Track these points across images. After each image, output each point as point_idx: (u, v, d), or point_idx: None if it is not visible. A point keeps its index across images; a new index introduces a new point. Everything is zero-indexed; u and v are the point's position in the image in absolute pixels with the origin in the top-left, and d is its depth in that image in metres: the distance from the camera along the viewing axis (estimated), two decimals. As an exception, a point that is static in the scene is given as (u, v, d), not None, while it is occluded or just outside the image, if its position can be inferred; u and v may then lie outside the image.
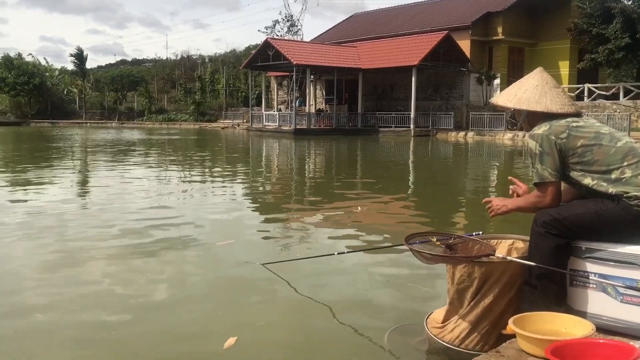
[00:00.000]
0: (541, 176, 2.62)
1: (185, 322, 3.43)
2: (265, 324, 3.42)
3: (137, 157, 16.29)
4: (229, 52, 71.01)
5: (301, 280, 4.17)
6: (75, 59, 55.85)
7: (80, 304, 3.74)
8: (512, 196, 2.98)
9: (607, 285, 2.48)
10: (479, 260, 2.75)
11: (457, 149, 22.63)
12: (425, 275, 4.32)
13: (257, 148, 22.61)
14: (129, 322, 3.43)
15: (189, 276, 4.34)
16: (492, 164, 16.60)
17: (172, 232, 5.80)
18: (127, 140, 25.83)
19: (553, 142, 2.59)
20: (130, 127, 44.06)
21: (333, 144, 23.97)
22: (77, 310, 3.64)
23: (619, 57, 28.28)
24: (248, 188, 10.01)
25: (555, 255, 2.56)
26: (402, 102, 33.38)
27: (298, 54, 31.52)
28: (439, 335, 2.90)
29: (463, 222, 7.10)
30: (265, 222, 6.79)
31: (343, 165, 15.88)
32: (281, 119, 33.82)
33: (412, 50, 31.03)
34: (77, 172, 12.51)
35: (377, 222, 6.81)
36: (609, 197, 2.51)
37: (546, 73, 2.86)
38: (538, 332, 2.33)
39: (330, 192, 9.55)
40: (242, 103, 51.34)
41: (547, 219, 2.58)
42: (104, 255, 4.91)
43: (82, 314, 3.57)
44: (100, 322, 3.40)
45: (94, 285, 4.08)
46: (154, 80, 63.77)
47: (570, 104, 2.74)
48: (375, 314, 3.55)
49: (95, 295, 3.87)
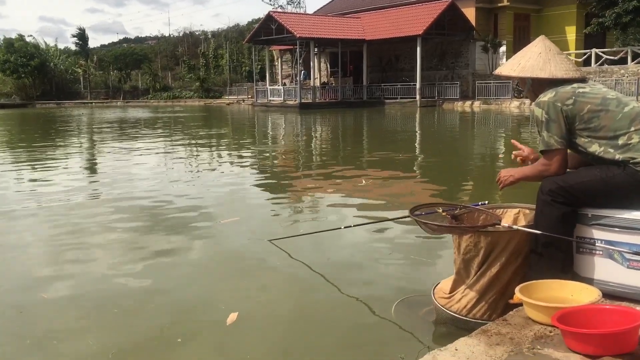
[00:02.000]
0: (547, 144, 2.59)
1: (187, 298, 3.46)
2: (270, 299, 3.44)
3: (144, 135, 16.30)
4: (232, 27, 70.57)
5: (307, 254, 4.18)
6: (77, 39, 55.61)
7: (84, 280, 3.79)
8: (515, 161, 2.98)
9: (613, 252, 2.48)
10: (485, 230, 2.75)
11: (464, 118, 22.49)
12: (432, 246, 4.33)
13: (262, 123, 22.56)
14: (131, 299, 3.46)
15: (192, 253, 4.36)
16: (499, 132, 16.49)
17: (175, 210, 5.81)
18: (133, 118, 25.83)
19: (559, 108, 2.56)
20: (135, 106, 44.03)
21: (339, 117, 23.87)
22: (81, 285, 3.69)
23: (626, 20, 27.77)
24: (253, 164, 10.01)
25: (561, 223, 2.55)
26: (408, 73, 33.09)
27: (301, 27, 31.22)
28: (447, 306, 2.91)
29: (469, 192, 7.09)
30: (271, 198, 6.80)
31: (349, 139, 15.84)
32: (286, 93, 33.68)
33: (416, 20, 30.66)
34: (85, 151, 12.55)
35: (383, 194, 6.81)
36: (616, 163, 2.49)
37: (548, 40, 2.81)
38: (545, 299, 2.33)
39: (336, 165, 9.54)
40: (247, 78, 51.02)
41: (553, 187, 2.56)
42: (106, 233, 4.95)
43: (85, 289, 3.62)
44: (103, 299, 3.44)
45: (95, 264, 4.12)
46: (157, 58, 63.40)
47: (574, 70, 2.71)
48: (382, 287, 3.57)
49: (97, 274, 3.90)
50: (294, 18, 33.79)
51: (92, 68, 55.67)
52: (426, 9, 30.99)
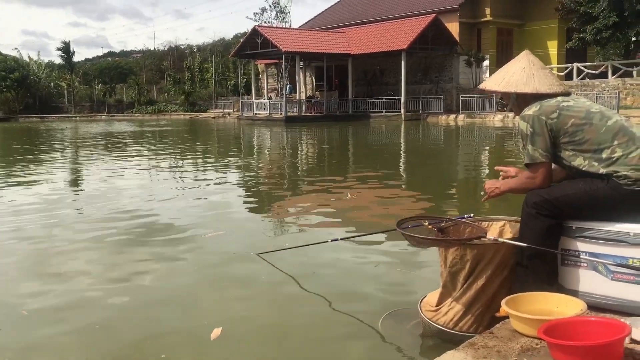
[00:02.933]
0: (532, 157, 2.62)
1: (171, 313, 3.43)
2: (255, 313, 3.42)
3: (127, 149, 16.20)
4: (217, 41, 70.46)
5: (294, 268, 4.16)
6: (62, 52, 55.34)
7: (65, 297, 3.73)
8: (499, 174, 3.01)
9: (597, 264, 2.50)
10: (471, 243, 2.76)
11: (448, 132, 22.65)
12: (418, 259, 4.34)
13: (248, 137, 22.54)
14: (114, 314, 3.42)
15: (176, 268, 4.31)
16: (484, 145, 16.63)
17: (158, 225, 5.74)
18: (118, 132, 25.67)
19: (544, 122, 2.59)
20: (120, 120, 43.81)
21: (324, 131, 23.93)
22: (62, 304, 3.63)
23: (606, 35, 28.28)
24: (239, 178, 9.98)
25: (546, 236, 2.57)
26: (392, 87, 33.32)
27: (287, 41, 31.36)
28: (433, 319, 2.91)
29: (455, 205, 7.12)
30: (257, 211, 6.78)
31: (334, 152, 15.87)
32: (272, 106, 33.72)
33: (400, 35, 30.93)
34: (67, 166, 12.43)
35: (369, 207, 6.82)
36: (599, 176, 2.52)
37: (532, 55, 2.85)
38: (530, 312, 2.34)
39: (322, 178, 9.54)
40: (232, 92, 51.04)
41: (537, 200, 2.59)
42: (89, 247, 4.89)
43: (67, 305, 3.57)
44: (84, 315, 3.39)
45: (79, 279, 4.07)
46: (142, 72, 63.25)
47: (558, 84, 2.74)
48: (369, 300, 3.56)
49: (80, 289, 3.85)
50: (280, 32, 33.92)
51: (76, 82, 55.36)
52: (410, 24, 31.29)
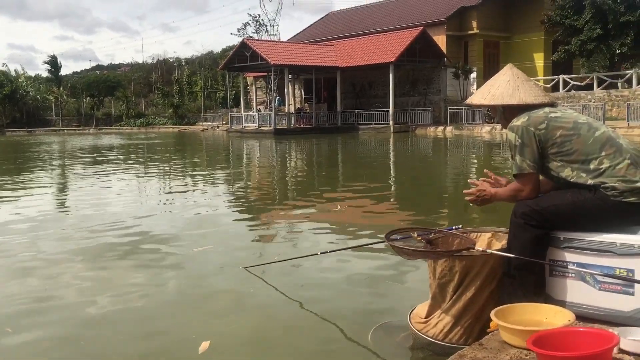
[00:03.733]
0: (520, 167, 2.63)
1: (158, 328, 3.40)
2: (243, 327, 3.39)
3: (114, 163, 16.12)
4: (205, 54, 70.59)
5: (283, 281, 4.14)
6: (49, 66, 55.12)
7: (51, 311, 3.69)
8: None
9: (585, 274, 2.51)
10: (460, 254, 2.76)
11: (436, 143, 22.76)
12: (407, 271, 4.33)
13: (237, 149, 22.52)
14: (100, 330, 3.38)
15: (163, 282, 4.27)
16: (471, 157, 16.71)
17: (145, 239, 5.68)
18: (105, 146, 25.55)
19: (532, 133, 2.61)
20: (108, 133, 43.60)
21: (313, 143, 23.97)
22: (48, 316, 3.59)
23: (591, 47, 28.67)
24: (227, 191, 9.95)
25: (534, 246, 2.58)
26: (381, 99, 33.48)
27: (275, 54, 31.46)
28: (423, 330, 2.91)
29: (443, 216, 7.14)
30: (245, 225, 6.75)
31: (323, 164, 15.89)
32: (261, 119, 33.75)
33: (388, 47, 31.15)
34: (54, 180, 12.34)
35: (358, 220, 6.82)
36: (587, 187, 2.53)
37: (516, 68, 2.89)
38: (519, 323, 2.34)
39: (311, 191, 9.54)
40: (221, 105, 51.04)
41: (525, 210, 2.60)
42: (76, 263, 4.84)
43: (52, 321, 3.53)
44: (71, 332, 3.35)
45: (65, 295, 4.02)
46: (130, 85, 63.08)
47: (543, 95, 2.77)
48: (358, 312, 3.54)
49: (66, 305, 3.81)
50: (268, 45, 34.04)
51: (64, 95, 55.12)
52: (398, 37, 31.54)
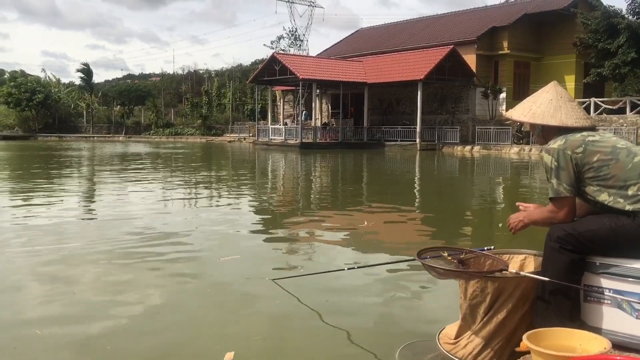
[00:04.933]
0: (557, 191, 2.60)
1: (184, 337, 3.41)
2: (269, 339, 3.40)
3: (144, 170, 16.33)
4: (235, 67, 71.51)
5: (309, 295, 4.14)
6: (82, 73, 56.33)
7: (76, 318, 3.73)
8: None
9: (622, 301, 2.46)
10: (492, 276, 2.73)
11: (464, 163, 22.60)
12: (436, 291, 4.29)
13: (263, 162, 22.65)
14: (126, 338, 3.41)
15: (189, 292, 4.30)
16: (499, 178, 16.54)
17: (173, 248, 5.73)
18: (135, 153, 25.92)
19: (569, 156, 2.58)
20: (137, 141, 44.26)
21: (339, 158, 23.99)
22: (73, 324, 3.63)
23: (624, 71, 28.28)
24: (255, 202, 10.00)
25: (569, 271, 2.54)
26: (408, 116, 33.42)
27: (304, 69, 31.68)
28: (452, 352, 2.87)
29: (473, 236, 7.07)
30: (272, 237, 6.77)
31: (350, 180, 15.88)
32: (287, 132, 33.93)
33: (417, 65, 31.13)
34: (84, 185, 12.54)
35: (385, 236, 6.79)
36: (625, 213, 2.49)
37: (560, 87, 2.84)
38: (552, 348, 2.30)
39: (337, 206, 9.54)
40: (249, 117, 51.55)
41: (561, 234, 2.56)
42: (104, 270, 4.90)
43: (78, 328, 3.56)
44: (95, 338, 3.38)
45: (93, 301, 4.07)
46: (160, 95, 64.10)
47: (585, 118, 2.73)
48: (385, 331, 3.52)
49: (91, 311, 3.85)
50: (297, 60, 34.30)
51: (95, 103, 56.21)
52: (427, 55, 31.51)
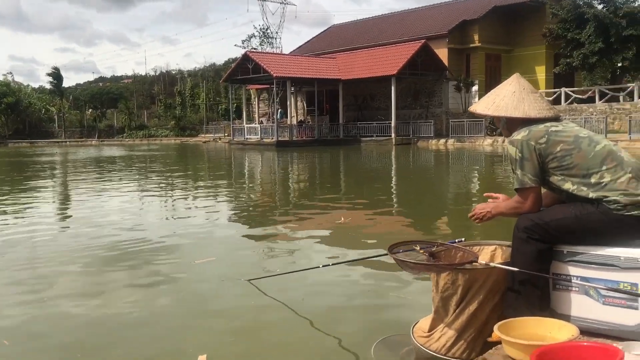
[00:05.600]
0: (522, 182, 2.63)
1: (157, 340, 3.39)
2: (243, 340, 3.38)
3: (117, 174, 16.14)
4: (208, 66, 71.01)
5: (284, 294, 4.13)
6: (52, 78, 55.38)
7: (47, 323, 3.69)
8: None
9: (589, 288, 2.50)
10: (463, 268, 2.76)
11: (438, 156, 22.77)
12: (410, 285, 4.32)
13: (239, 161, 22.54)
14: (99, 340, 3.38)
15: (163, 295, 4.27)
16: (473, 170, 16.71)
17: (146, 251, 5.68)
18: (108, 157, 25.59)
19: (532, 147, 2.61)
20: (110, 145, 43.72)
21: (316, 155, 23.98)
22: (44, 330, 3.59)
23: (593, 61, 28.77)
24: (230, 203, 9.95)
25: (537, 260, 2.57)
26: (383, 112, 33.55)
27: (278, 67, 31.58)
28: (426, 345, 2.89)
29: (446, 229, 7.13)
30: (248, 237, 6.74)
31: (326, 176, 15.89)
32: (263, 131, 33.81)
33: (390, 60, 31.26)
34: (54, 190, 12.35)
35: (360, 232, 6.81)
36: (589, 201, 2.53)
37: (523, 79, 2.87)
38: (523, 337, 2.33)
39: (313, 203, 9.54)
40: (223, 117, 51.22)
41: (528, 224, 2.59)
42: (74, 273, 4.85)
43: (49, 333, 3.52)
44: (67, 343, 3.35)
45: (64, 306, 4.02)
46: (133, 97, 63.35)
47: (548, 109, 2.76)
48: (360, 326, 3.53)
49: (62, 315, 3.81)
50: (271, 58, 34.18)
51: (67, 107, 55.32)
52: (400, 50, 31.66)
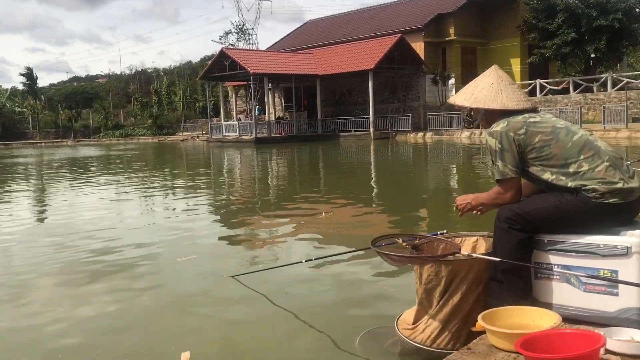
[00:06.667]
0: (502, 172, 2.66)
1: (141, 339, 3.38)
2: (227, 336, 3.38)
3: (93, 175, 15.94)
4: (184, 64, 70.42)
5: (268, 289, 4.13)
6: (25, 78, 54.50)
7: (27, 323, 3.66)
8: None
9: (570, 276, 2.53)
10: (445, 259, 2.77)
11: (417, 149, 22.89)
12: (394, 277, 4.34)
13: (218, 159, 22.42)
14: (81, 341, 3.35)
15: (144, 293, 4.23)
16: (452, 162, 16.84)
17: (126, 251, 5.62)
18: (83, 158, 25.26)
19: (512, 138, 2.63)
20: (86, 145, 43.16)
21: (295, 151, 23.96)
22: (24, 328, 3.56)
23: (566, 51, 29.14)
24: (210, 201, 9.89)
25: (519, 250, 2.60)
26: (361, 106, 33.63)
27: (254, 63, 31.45)
28: (411, 337, 2.91)
29: (428, 221, 7.18)
30: (230, 235, 6.71)
31: (306, 172, 15.88)
32: (241, 128, 33.65)
33: (367, 55, 31.33)
34: (29, 192, 12.15)
35: (342, 226, 6.82)
36: (568, 190, 2.56)
37: (501, 71, 2.89)
38: (507, 326, 2.36)
39: (294, 199, 9.53)
40: (201, 114, 50.86)
41: (509, 215, 2.62)
42: (54, 274, 4.80)
43: (30, 333, 3.49)
44: (49, 344, 3.31)
45: (43, 308, 3.97)
46: (108, 96, 62.60)
47: (525, 100, 2.79)
48: (345, 319, 3.54)
49: (43, 315, 3.78)
50: (247, 54, 34.02)
51: (41, 107, 54.45)
52: (376, 44, 31.74)
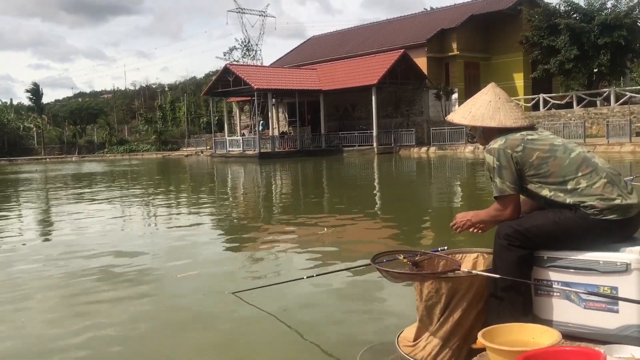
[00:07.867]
0: (500, 189, 2.67)
1: (140, 356, 3.36)
2: (227, 352, 3.37)
3: (98, 190, 15.98)
4: (188, 80, 70.89)
5: (269, 305, 4.12)
6: (31, 94, 54.94)
7: (25, 339, 3.66)
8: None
9: (570, 293, 2.53)
10: (446, 276, 2.77)
11: (420, 164, 22.90)
12: (394, 294, 4.33)
13: (221, 174, 22.46)
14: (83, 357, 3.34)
15: (146, 310, 4.23)
16: (455, 177, 16.83)
17: (129, 266, 5.63)
18: (88, 173, 25.35)
19: (509, 155, 2.65)
20: (91, 160, 43.31)
21: (298, 166, 23.99)
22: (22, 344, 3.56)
23: (569, 67, 29.24)
24: (214, 216, 9.90)
25: (519, 266, 2.60)
26: (364, 121, 33.74)
27: (258, 79, 31.64)
28: (411, 354, 2.90)
29: (429, 238, 7.16)
30: (232, 250, 6.72)
31: (309, 187, 15.89)
32: (245, 143, 33.77)
33: (370, 70, 31.48)
34: (38, 207, 12.19)
35: (344, 242, 6.81)
36: (567, 206, 2.57)
37: (498, 88, 2.91)
38: (507, 343, 2.35)
39: (297, 214, 9.53)
40: (205, 130, 51.09)
41: (508, 231, 2.62)
42: (55, 288, 4.81)
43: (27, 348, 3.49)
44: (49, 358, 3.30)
45: (43, 324, 3.98)
46: (113, 112, 62.95)
47: (523, 118, 2.81)
48: (346, 336, 3.53)
49: (42, 333, 3.78)
50: (251, 70, 34.23)
51: (46, 123, 54.79)
52: (380, 60, 31.90)
